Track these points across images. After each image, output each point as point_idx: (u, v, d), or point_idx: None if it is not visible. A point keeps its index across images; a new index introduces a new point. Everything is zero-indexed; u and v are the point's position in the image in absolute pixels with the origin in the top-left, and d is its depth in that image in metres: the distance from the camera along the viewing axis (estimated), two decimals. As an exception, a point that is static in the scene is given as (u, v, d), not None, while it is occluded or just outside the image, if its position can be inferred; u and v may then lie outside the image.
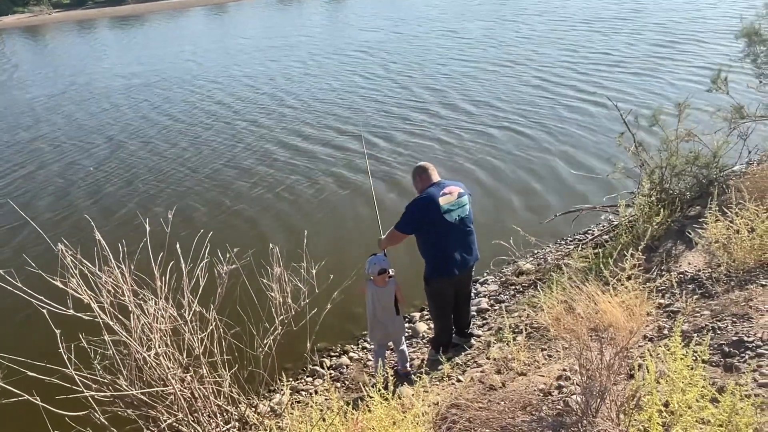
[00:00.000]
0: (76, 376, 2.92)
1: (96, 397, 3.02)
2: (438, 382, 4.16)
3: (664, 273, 4.63)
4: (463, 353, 4.76)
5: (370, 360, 5.22)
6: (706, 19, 19.83)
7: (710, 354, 3.14)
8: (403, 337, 4.77)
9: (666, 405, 2.43)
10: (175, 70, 21.61)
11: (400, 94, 14.62)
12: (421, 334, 5.58)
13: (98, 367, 3.26)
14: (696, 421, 2.33)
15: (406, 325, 5.49)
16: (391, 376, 3.26)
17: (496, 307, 5.66)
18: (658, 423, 2.32)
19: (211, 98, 16.43)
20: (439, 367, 4.29)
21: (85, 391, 2.91)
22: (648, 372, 2.42)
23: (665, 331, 3.71)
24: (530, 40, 19.97)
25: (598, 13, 23.96)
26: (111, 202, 9.73)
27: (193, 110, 15.36)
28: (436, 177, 4.48)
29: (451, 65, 17.28)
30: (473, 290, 6.26)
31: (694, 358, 2.48)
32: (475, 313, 5.66)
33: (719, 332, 3.46)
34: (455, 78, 15.65)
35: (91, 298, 3.10)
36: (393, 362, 4.94)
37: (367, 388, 3.12)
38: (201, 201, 9.40)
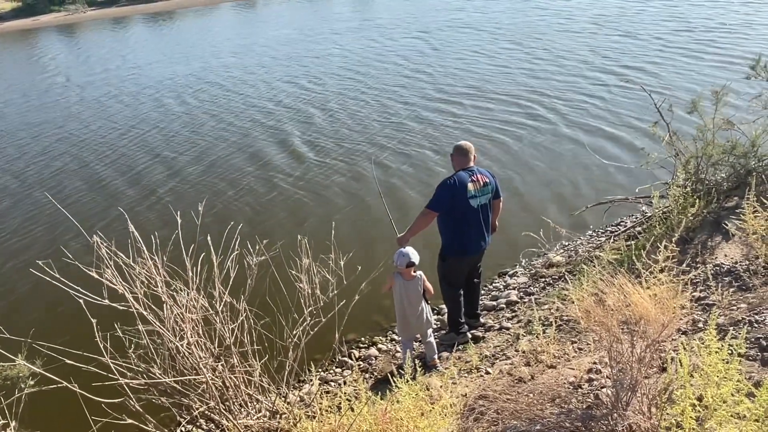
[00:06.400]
0: (111, 365, 3.00)
1: (131, 384, 3.11)
2: (466, 374, 4.16)
3: (699, 265, 4.52)
4: (492, 345, 4.74)
5: (399, 352, 5.24)
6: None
7: (747, 348, 3.06)
8: (431, 330, 4.78)
9: (700, 399, 2.37)
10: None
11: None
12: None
13: (133, 356, 3.35)
14: (731, 415, 2.28)
15: (435, 317, 5.48)
16: (420, 367, 3.27)
17: (526, 300, 5.61)
18: (691, 417, 2.27)
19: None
20: (467, 360, 4.28)
21: (120, 378, 2.99)
22: (681, 365, 2.37)
23: (700, 325, 3.63)
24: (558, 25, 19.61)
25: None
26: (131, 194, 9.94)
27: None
28: (470, 162, 4.81)
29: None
30: (503, 282, 6.26)
31: (729, 351, 2.42)
32: (505, 305, 5.64)
33: (756, 325, 3.37)
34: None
35: (125, 289, 3.19)
36: (422, 353, 4.95)
37: (394, 379, 3.13)
38: (230, 191, 9.53)
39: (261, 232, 7.38)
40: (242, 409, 3.52)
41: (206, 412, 3.35)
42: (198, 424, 3.71)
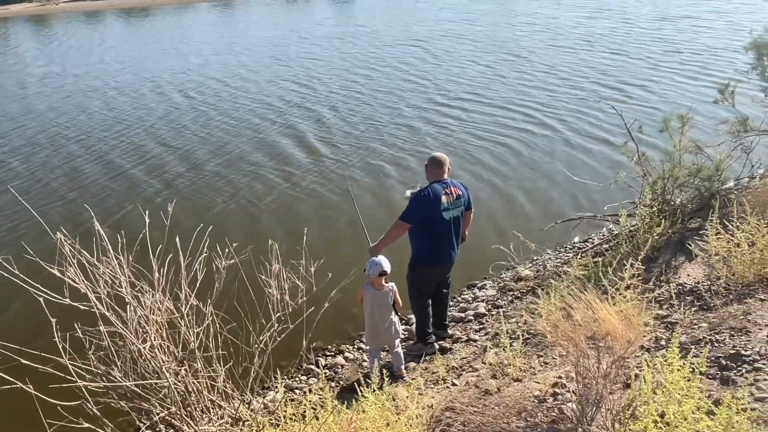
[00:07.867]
0: (70, 366, 2.91)
1: (89, 387, 3.01)
2: (433, 385, 4.15)
3: (663, 284, 4.62)
4: (459, 357, 4.75)
5: (366, 361, 5.21)
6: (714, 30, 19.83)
7: (707, 366, 3.12)
8: (398, 340, 4.77)
9: (662, 416, 2.42)
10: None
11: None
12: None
13: (93, 358, 3.25)
14: (691, 432, 2.32)
15: (403, 327, 5.47)
16: (387, 377, 3.26)
17: (494, 312, 5.65)
18: (653, 433, 2.31)
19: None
20: (434, 371, 4.28)
21: (78, 381, 2.90)
22: (645, 382, 2.41)
23: (662, 342, 3.70)
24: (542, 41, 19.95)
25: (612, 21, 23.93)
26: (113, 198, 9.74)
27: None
28: (444, 174, 4.81)
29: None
30: (472, 294, 6.29)
31: (691, 369, 2.47)
32: (473, 317, 5.66)
33: (717, 345, 3.45)
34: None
35: (88, 288, 3.10)
36: (389, 362, 4.93)
37: (361, 389, 3.11)
38: (204, 192, 9.39)
39: (231, 236, 7.28)
40: (204, 415, 3.44)
41: (167, 417, 3.27)
42: (158, 429, 3.62)
